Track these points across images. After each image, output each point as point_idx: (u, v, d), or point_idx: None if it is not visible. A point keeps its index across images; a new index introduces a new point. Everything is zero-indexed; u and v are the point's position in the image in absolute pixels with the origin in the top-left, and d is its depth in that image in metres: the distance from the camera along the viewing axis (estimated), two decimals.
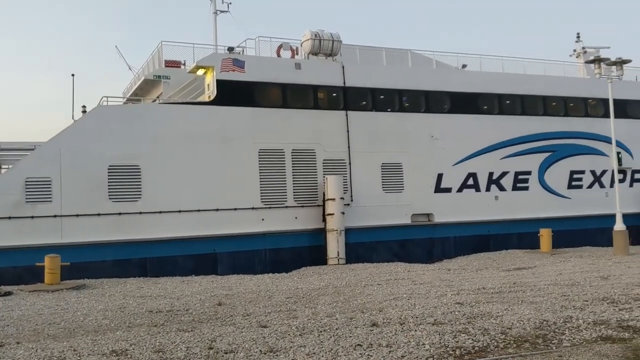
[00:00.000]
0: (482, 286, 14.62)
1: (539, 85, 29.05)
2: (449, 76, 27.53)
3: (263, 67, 23.60)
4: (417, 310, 11.30)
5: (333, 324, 10.24)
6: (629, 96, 30.52)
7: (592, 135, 29.44)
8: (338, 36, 25.10)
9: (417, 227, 25.73)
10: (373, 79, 25.47)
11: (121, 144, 21.12)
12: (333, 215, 22.88)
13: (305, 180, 23.63)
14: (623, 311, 10.57)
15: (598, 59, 25.46)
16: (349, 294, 14.17)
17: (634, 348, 8.06)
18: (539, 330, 9.28)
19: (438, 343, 8.59)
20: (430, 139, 26.26)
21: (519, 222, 27.30)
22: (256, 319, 11.19)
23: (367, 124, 25.09)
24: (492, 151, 27.57)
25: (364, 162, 24.73)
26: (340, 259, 22.72)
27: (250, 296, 14.52)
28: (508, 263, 21.31)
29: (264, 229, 22.65)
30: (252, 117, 23.04)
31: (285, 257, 22.66)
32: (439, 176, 26.32)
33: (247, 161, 22.75)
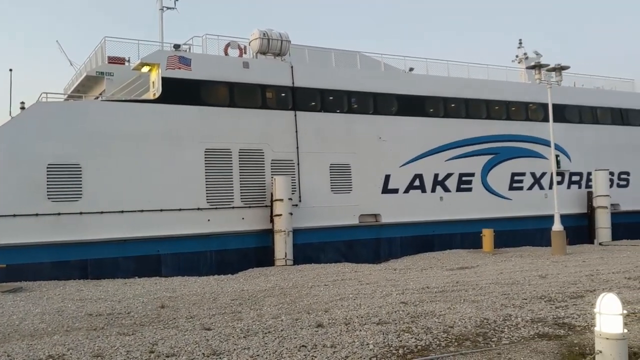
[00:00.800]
0: (426, 285, 14.85)
1: (483, 90, 29.81)
2: (396, 79, 27.89)
3: (210, 66, 23.26)
4: (363, 310, 11.36)
5: (278, 325, 10.17)
6: (567, 101, 31.70)
7: (532, 139, 30.43)
8: (287, 36, 25.02)
9: (365, 227, 25.94)
10: (322, 80, 25.52)
11: (61, 142, 20.39)
12: (281, 216, 22.77)
13: (253, 180, 23.44)
14: (559, 309, 10.93)
15: (538, 65, 26.33)
16: (296, 295, 14.12)
17: (568, 344, 8.33)
18: (480, 329, 9.47)
19: (382, 343, 8.65)
20: (378, 141, 26.53)
21: (462, 223, 27.94)
22: (200, 321, 11.00)
23: (316, 124, 25.12)
24: (438, 153, 28.10)
25: (312, 162, 24.74)
26: (287, 260, 22.63)
27: (195, 298, 14.27)
28: (452, 262, 21.75)
29: (209, 230, 22.31)
30: (199, 116, 22.68)
31: (231, 258, 22.41)
32: (386, 177, 26.62)
33: (193, 161, 22.37)
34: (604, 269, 17.04)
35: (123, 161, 21.22)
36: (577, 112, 32.33)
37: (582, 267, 17.96)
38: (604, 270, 16.84)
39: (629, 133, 34.09)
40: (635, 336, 8.81)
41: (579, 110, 32.40)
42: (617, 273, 15.93)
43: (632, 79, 37.36)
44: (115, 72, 25.00)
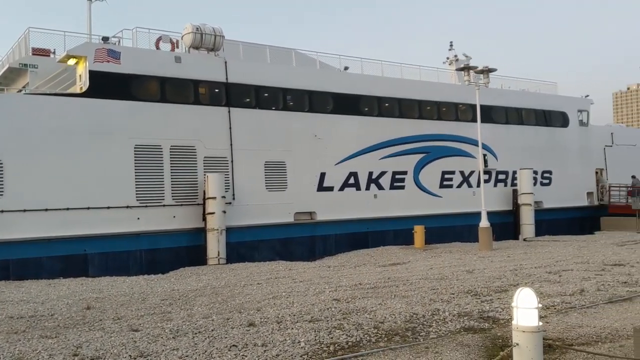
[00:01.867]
0: (359, 282, 15.03)
1: (416, 90, 30.47)
2: (332, 77, 28.07)
3: (140, 59, 22.61)
4: (295, 308, 11.37)
5: (209, 325, 10.03)
6: (494, 102, 32.89)
7: (461, 138, 31.38)
8: (221, 31, 24.66)
9: (300, 225, 25.97)
10: (257, 76, 25.32)
11: None
12: (214, 214, 22.44)
13: (185, 178, 22.98)
14: (484, 303, 11.33)
15: (467, 67, 27.20)
16: (228, 294, 13.97)
17: (492, 337, 8.64)
18: (409, 323, 9.68)
19: (313, 340, 8.68)
20: (314, 139, 26.61)
21: (395, 220, 28.48)
22: (127, 322, 10.70)
23: (251, 121, 24.90)
24: (372, 151, 28.51)
25: (246, 160, 24.51)
26: (220, 258, 22.34)
27: (122, 299, 13.86)
28: (384, 259, 22.13)
29: (139, 229, 21.70)
30: (128, 111, 21.99)
31: (162, 257, 21.88)
32: (321, 175, 26.75)
33: (122, 157, 21.68)
34: (527, 264, 17.79)
35: (48, 158, 20.31)
36: (503, 113, 33.59)
37: (506, 262, 18.68)
38: (527, 265, 17.59)
39: (551, 134, 35.76)
40: (554, 328, 9.25)
41: (505, 111, 33.67)
42: (539, 267, 16.67)
43: (555, 82, 39.28)
44: (40, 65, 23.87)
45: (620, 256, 18.66)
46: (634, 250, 20.74)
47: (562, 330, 9.09)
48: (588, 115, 38.16)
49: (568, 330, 9.04)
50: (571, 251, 21.60)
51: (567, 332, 8.97)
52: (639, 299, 11.40)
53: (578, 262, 17.44)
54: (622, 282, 13.26)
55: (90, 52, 21.52)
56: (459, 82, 33.68)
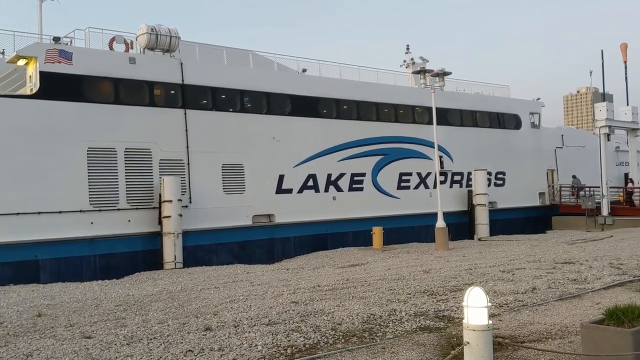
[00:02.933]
0: (317, 284, 15.03)
1: (373, 92, 30.76)
2: (290, 79, 28.07)
3: (93, 60, 22.12)
4: (253, 311, 11.29)
5: (164, 330, 9.86)
6: (450, 105, 33.50)
7: (418, 140, 31.84)
8: (176, 32, 24.35)
9: (258, 228, 25.86)
10: (214, 78, 25.10)
11: None
12: (170, 217, 22.12)
13: (140, 181, 22.57)
14: (440, 302, 11.49)
15: (423, 70, 27.61)
16: (184, 298, 13.77)
17: (447, 336, 8.77)
18: (366, 324, 9.74)
19: (271, 343, 8.64)
20: (272, 141, 26.54)
21: (354, 221, 28.67)
22: (80, 329, 10.43)
23: (208, 123, 24.66)
24: (331, 153, 28.63)
25: (203, 162, 24.26)
26: (177, 263, 22.04)
27: (75, 305, 13.50)
28: (343, 260, 22.22)
29: (93, 233, 21.21)
30: (80, 113, 21.48)
31: (117, 262, 21.45)
32: (280, 177, 26.70)
33: (74, 160, 21.15)
34: (481, 263, 18.15)
35: None
36: (458, 116, 34.25)
37: (462, 262, 19.01)
38: (482, 264, 17.94)
39: (504, 136, 36.65)
40: (507, 325, 9.46)
41: (460, 113, 34.34)
42: (493, 266, 17.02)
43: (507, 85, 40.30)
44: None
45: (571, 254, 19.24)
46: (583, 248, 21.41)
47: (514, 327, 9.29)
48: (539, 117, 39.29)
49: (520, 328, 9.25)
50: (524, 250, 22.14)
51: (520, 329, 9.18)
52: (587, 295, 11.77)
53: (530, 261, 17.88)
54: (572, 280, 13.66)
55: (41, 52, 20.95)
56: (416, 85, 34.16)
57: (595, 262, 16.63)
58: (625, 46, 39.05)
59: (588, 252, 19.73)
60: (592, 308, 10.44)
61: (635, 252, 18.31)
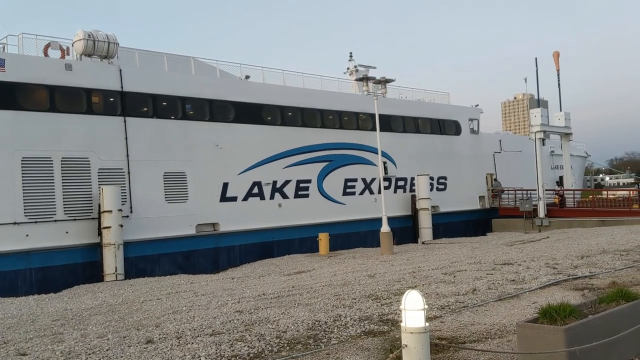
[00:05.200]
0: (263, 292, 14.93)
1: (318, 99, 30.91)
2: (233, 86, 27.85)
3: (27, 67, 21.30)
4: (196, 322, 11.09)
5: (104, 345, 9.55)
6: (393, 112, 34.05)
7: (363, 147, 32.19)
8: (115, 38, 23.76)
9: (203, 237, 25.47)
10: (154, 85, 24.62)
11: None
12: (109, 228, 21.49)
13: (78, 191, 21.85)
14: (384, 306, 11.61)
15: (366, 77, 27.98)
16: (125, 311, 13.39)
17: (391, 339, 8.85)
18: (311, 331, 9.72)
19: (214, 354, 8.50)
20: (215, 148, 26.24)
21: (300, 228, 28.67)
22: (15, 346, 9.98)
23: (149, 131, 24.15)
24: (276, 160, 28.55)
25: (145, 171, 23.73)
26: (118, 274, 21.43)
27: (10, 322, 12.91)
28: (290, 267, 22.17)
29: (28, 246, 20.37)
30: (13, 122, 20.64)
31: (55, 275, 20.68)
32: (224, 185, 26.40)
33: (7, 170, 20.28)
34: (425, 266, 18.47)
35: None
36: (401, 122, 34.86)
37: (406, 265, 19.30)
38: (425, 267, 18.26)
39: (445, 141, 37.55)
40: (448, 327, 9.64)
41: (402, 120, 34.96)
42: (436, 269, 17.35)
43: (447, 92, 41.31)
44: None
45: (509, 255, 19.83)
46: (521, 249, 22.13)
47: (455, 328, 9.49)
48: (478, 123, 40.50)
49: (461, 329, 9.45)
50: (465, 252, 22.68)
51: (461, 330, 9.37)
52: (525, 295, 12.14)
53: (471, 263, 18.32)
54: (510, 280, 14.07)
55: None
56: (359, 92, 34.56)
57: (533, 262, 17.20)
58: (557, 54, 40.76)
59: (526, 253, 20.39)
60: (530, 307, 10.77)
61: (570, 253, 19.06)
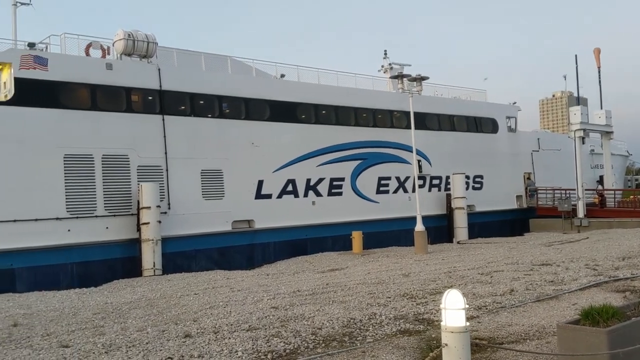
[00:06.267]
0: (297, 289, 15.03)
1: (352, 97, 30.88)
2: (268, 85, 28.05)
3: (69, 66, 21.86)
4: (233, 317, 11.25)
5: (143, 338, 9.77)
6: (428, 110, 33.74)
7: (397, 145, 32.02)
8: (154, 37, 24.20)
9: (238, 233, 25.74)
10: (192, 84, 24.99)
11: None
12: (148, 224, 21.91)
13: (118, 187, 22.34)
14: (420, 305, 11.57)
15: (401, 75, 27.85)
16: (163, 305, 13.66)
17: (427, 339, 8.83)
18: (346, 329, 9.76)
19: (251, 349, 8.62)
20: (251, 146, 26.48)
21: (333, 226, 28.69)
22: (57, 338, 10.28)
23: (186, 129, 24.52)
24: (310, 158, 28.64)
25: (182, 168, 24.11)
26: (156, 269, 21.83)
27: (52, 314, 13.30)
28: (323, 265, 22.24)
29: (70, 241, 20.91)
30: (56, 120, 21.22)
31: (95, 270, 21.16)
32: (259, 183, 26.63)
33: (51, 167, 20.86)
34: (460, 266, 18.31)
35: None
36: (436, 120, 34.53)
37: (441, 265, 19.16)
38: (461, 267, 18.10)
39: (482, 140, 37.05)
40: (485, 327, 9.56)
41: (438, 118, 34.62)
42: (472, 269, 17.19)
43: (484, 90, 40.73)
44: None
45: (548, 256, 19.50)
46: (560, 250, 21.73)
47: (493, 329, 9.40)
48: (516, 121, 39.83)
49: (499, 329, 9.36)
50: (502, 252, 22.39)
51: (498, 330, 9.29)
52: (564, 297, 11.95)
53: (508, 263, 18.09)
54: (549, 281, 13.85)
55: (15, 58, 20.66)
56: (394, 90, 34.38)
57: (572, 263, 16.89)
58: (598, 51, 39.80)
59: (565, 253, 20.02)
60: (569, 309, 10.60)
61: (610, 254, 18.64)
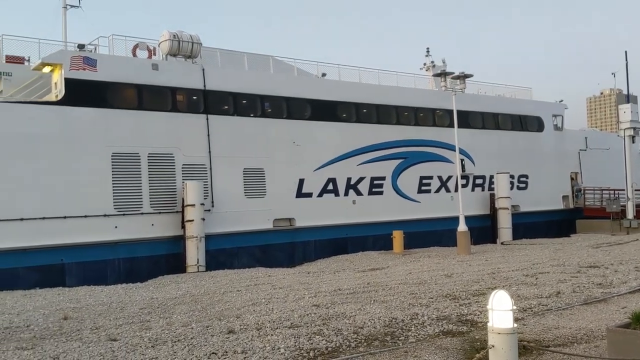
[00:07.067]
0: (338, 288, 15.06)
1: (393, 96, 30.70)
2: (310, 84, 28.16)
3: (117, 67, 22.47)
4: (275, 314, 11.35)
5: (188, 333, 9.96)
6: (471, 108, 33.26)
7: (439, 144, 31.67)
8: (198, 38, 24.62)
9: (279, 231, 25.95)
10: (235, 83, 25.32)
11: None
12: (192, 221, 22.33)
13: (163, 185, 22.84)
14: (463, 306, 11.43)
15: (444, 73, 27.54)
16: (207, 302, 13.90)
17: (470, 340, 8.72)
18: (388, 328, 9.73)
19: (293, 346, 8.69)
20: (292, 145, 26.65)
21: (374, 225, 28.59)
22: (106, 332, 10.58)
23: (229, 128, 24.87)
24: (350, 157, 28.63)
25: (225, 167, 24.46)
26: (200, 266, 22.24)
27: (101, 308, 13.69)
28: (364, 264, 22.20)
29: (117, 237, 21.50)
30: (104, 119, 21.83)
31: (140, 266, 21.70)
32: (300, 181, 26.78)
33: (99, 165, 21.49)
34: (504, 267, 18.00)
35: (23, 166, 20.04)
36: (480, 119, 34.00)
37: (485, 266, 18.87)
38: (505, 268, 17.79)
39: (527, 138, 36.28)
40: (531, 329, 9.38)
41: (482, 116, 34.09)
42: (517, 270, 16.87)
43: (530, 87, 39.87)
44: (14, 72, 23.50)
45: (595, 258, 18.98)
46: (608, 252, 21.11)
47: (539, 331, 9.22)
48: (562, 119, 38.85)
49: (545, 332, 9.17)
50: (548, 254, 21.90)
51: (544, 333, 9.10)
52: (613, 300, 11.62)
53: (554, 265, 17.69)
54: (597, 284, 13.48)
55: (65, 59, 21.34)
56: (436, 88, 34.01)
57: (621, 265, 16.39)
58: None
59: (613, 255, 19.45)
60: (618, 312, 10.31)
61: None
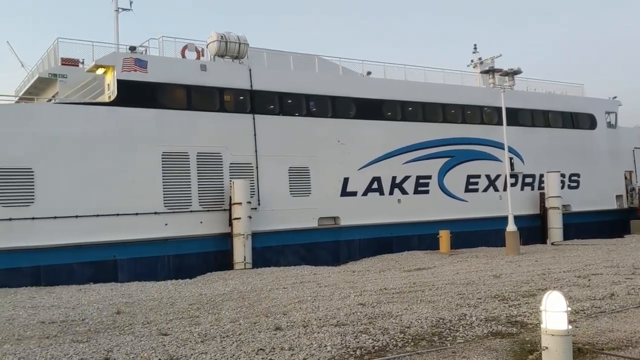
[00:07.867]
0: (384, 287, 15.02)
1: (439, 93, 30.32)
2: (354, 82, 28.12)
3: (167, 68, 22.99)
4: (321, 312, 11.42)
5: (236, 329, 10.14)
6: (520, 105, 32.54)
7: (487, 142, 31.10)
8: (245, 39, 24.93)
9: (324, 230, 26.02)
10: (281, 83, 25.52)
11: (10, 145, 19.81)
12: (240, 219, 22.65)
13: (211, 184, 23.25)
14: (512, 307, 11.23)
15: (492, 70, 26.97)
16: (254, 298, 14.09)
17: (520, 342, 8.57)
18: (436, 328, 9.65)
19: (340, 344, 8.72)
20: (337, 144, 26.67)
21: (419, 224, 28.31)
22: (157, 326, 10.87)
23: (275, 128, 25.09)
24: (395, 156, 28.42)
25: (271, 166, 24.70)
26: (246, 263, 22.54)
27: (152, 304, 14.07)
28: (409, 264, 22.04)
29: (167, 234, 22.01)
30: (155, 119, 22.37)
31: (189, 262, 22.15)
32: (345, 180, 26.77)
33: (150, 164, 22.04)
34: (555, 268, 17.57)
35: (77, 165, 20.75)
36: (529, 116, 33.22)
37: (534, 267, 18.47)
38: (556, 269, 17.37)
39: (579, 136, 35.24)
40: (583, 332, 9.14)
41: (531, 113, 33.30)
42: (568, 272, 16.45)
43: (582, 84, 38.69)
44: (69, 74, 24.38)
45: None
46: None
47: (592, 334, 8.97)
48: (616, 116, 37.55)
49: (598, 335, 8.92)
50: (600, 255, 21.25)
51: (598, 336, 8.85)
52: None
53: (608, 266, 17.16)
54: None
55: (117, 61, 21.96)
56: (484, 85, 33.41)
57: None
58: None
59: None
60: None
61: None
